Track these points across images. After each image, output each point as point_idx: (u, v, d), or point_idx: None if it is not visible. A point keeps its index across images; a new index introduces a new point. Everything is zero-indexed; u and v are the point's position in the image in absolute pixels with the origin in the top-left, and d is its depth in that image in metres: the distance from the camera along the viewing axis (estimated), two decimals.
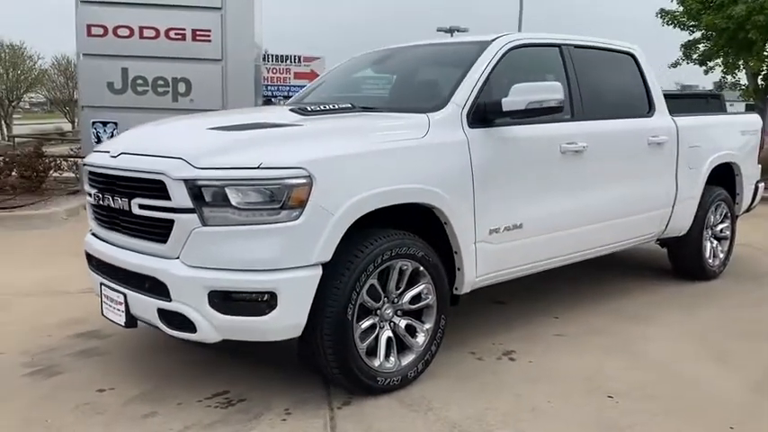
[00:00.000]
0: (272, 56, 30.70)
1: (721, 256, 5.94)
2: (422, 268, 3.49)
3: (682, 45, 18.93)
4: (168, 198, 3.04)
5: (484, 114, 3.82)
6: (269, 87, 30.85)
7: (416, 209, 3.52)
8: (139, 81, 11.32)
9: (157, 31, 11.41)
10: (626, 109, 4.97)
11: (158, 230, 3.14)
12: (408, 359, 3.51)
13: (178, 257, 3.08)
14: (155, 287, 3.16)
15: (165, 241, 3.11)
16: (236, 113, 3.97)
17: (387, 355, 3.43)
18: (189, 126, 3.74)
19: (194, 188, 2.99)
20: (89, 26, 11.33)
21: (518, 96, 3.74)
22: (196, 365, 3.78)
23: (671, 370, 3.83)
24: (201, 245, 3.02)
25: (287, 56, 29.30)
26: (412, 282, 3.53)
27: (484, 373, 3.75)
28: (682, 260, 5.76)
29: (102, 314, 3.56)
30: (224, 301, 3.01)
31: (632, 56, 5.12)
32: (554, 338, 4.32)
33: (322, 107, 3.72)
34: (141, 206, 3.19)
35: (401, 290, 3.47)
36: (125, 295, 3.33)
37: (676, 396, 3.48)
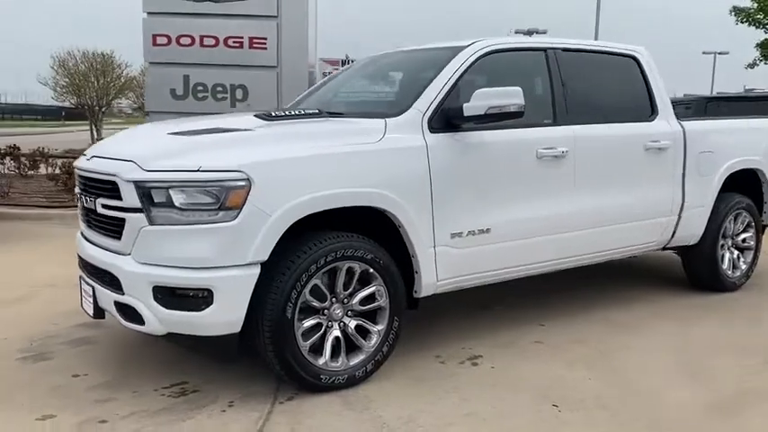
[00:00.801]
0: (352, 61, 31.20)
1: (743, 267, 5.66)
2: (372, 270, 3.56)
3: (757, 44, 17.82)
4: (121, 198, 3.26)
5: (448, 120, 3.84)
6: None
7: (371, 212, 3.60)
8: (200, 87, 11.80)
9: (217, 39, 11.89)
10: (622, 113, 4.83)
11: (116, 228, 3.37)
12: (357, 359, 3.59)
13: (130, 254, 3.30)
14: (112, 281, 3.39)
15: (120, 239, 3.33)
16: (204, 119, 4.16)
17: (334, 355, 3.52)
18: (153, 131, 3.95)
19: (142, 189, 3.19)
20: (154, 36, 11.96)
21: (478, 101, 3.75)
22: (169, 357, 3.99)
23: (636, 383, 3.73)
24: (148, 242, 3.22)
25: None
26: (364, 283, 3.61)
27: (440, 376, 3.77)
28: (695, 270, 5.53)
29: (81, 306, 3.83)
30: (166, 296, 3.20)
31: (635, 59, 4.97)
32: (531, 345, 4.28)
33: (287, 113, 3.86)
34: (103, 206, 3.43)
35: (350, 291, 3.55)
36: (93, 288, 3.58)
37: (628, 409, 3.39)
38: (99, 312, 3.61)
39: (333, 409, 3.34)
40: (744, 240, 5.67)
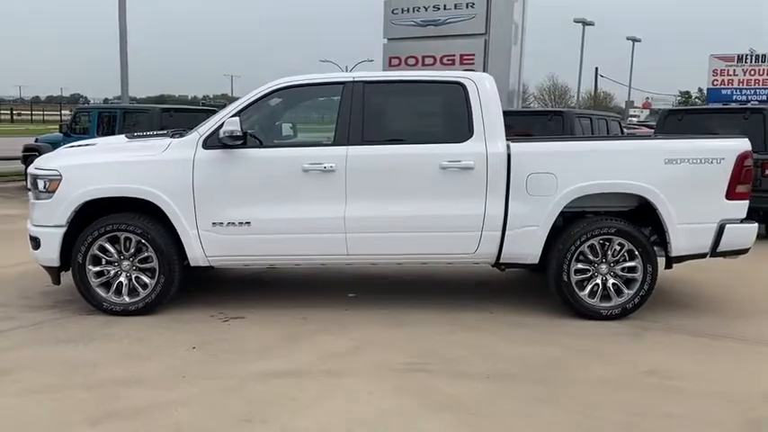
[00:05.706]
0: (751, 56, 29.02)
1: (622, 298, 5.32)
2: (144, 241, 5.32)
3: None
4: None
5: (219, 140, 5.27)
6: (743, 91, 29.30)
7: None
8: None
9: (435, 58, 13.90)
10: (428, 135, 5.42)
11: None
12: (135, 299, 5.39)
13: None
14: None
15: None
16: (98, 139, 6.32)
17: (118, 292, 5.39)
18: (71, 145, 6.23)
19: (30, 178, 5.59)
20: (390, 58, 14.57)
21: (224, 127, 5.13)
22: None
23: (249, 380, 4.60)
24: (32, 209, 5.61)
25: None
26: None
27: (182, 320, 5.29)
28: (554, 292, 5.47)
29: None
30: (32, 240, 5.53)
31: (463, 86, 5.34)
32: (295, 320, 5.33)
33: (147, 133, 5.82)
34: None
35: (132, 252, 5.37)
36: None
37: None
38: None
39: (74, 323, 5.26)
40: (628, 270, 5.32)
